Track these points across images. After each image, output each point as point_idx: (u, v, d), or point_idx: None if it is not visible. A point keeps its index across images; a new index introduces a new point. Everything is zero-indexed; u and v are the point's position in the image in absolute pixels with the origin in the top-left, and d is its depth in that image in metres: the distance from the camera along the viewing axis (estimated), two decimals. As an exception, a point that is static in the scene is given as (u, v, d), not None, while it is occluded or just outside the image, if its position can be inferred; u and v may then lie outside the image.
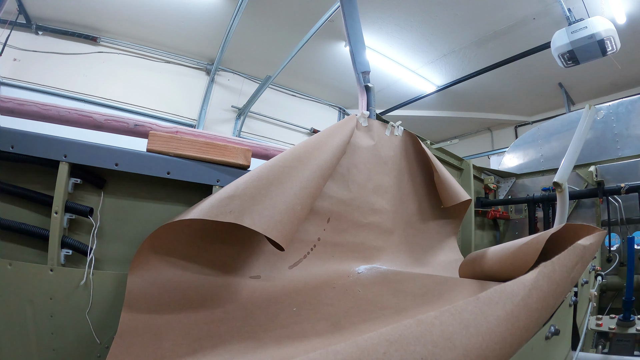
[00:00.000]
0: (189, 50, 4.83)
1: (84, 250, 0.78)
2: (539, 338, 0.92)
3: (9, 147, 0.76)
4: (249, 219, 0.61)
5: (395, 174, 1.05)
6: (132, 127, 1.15)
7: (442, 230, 1.18)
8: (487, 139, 6.22)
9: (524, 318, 0.38)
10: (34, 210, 0.80)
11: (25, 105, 1.05)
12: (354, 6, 1.13)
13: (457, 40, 4.09)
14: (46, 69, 4.11)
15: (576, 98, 4.99)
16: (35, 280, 0.75)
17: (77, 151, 0.78)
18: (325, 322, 0.60)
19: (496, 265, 0.64)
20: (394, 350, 0.32)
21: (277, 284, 0.77)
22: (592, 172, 1.87)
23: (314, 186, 0.75)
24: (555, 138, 2.25)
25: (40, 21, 4.09)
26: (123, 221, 0.84)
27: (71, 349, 0.75)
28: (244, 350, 0.53)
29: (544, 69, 4.29)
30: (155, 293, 0.68)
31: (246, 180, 0.67)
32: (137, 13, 4.07)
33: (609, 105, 2.05)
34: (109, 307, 0.77)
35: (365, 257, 0.92)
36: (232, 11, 3.73)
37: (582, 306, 1.32)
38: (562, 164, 1.09)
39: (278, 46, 4.34)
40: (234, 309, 0.69)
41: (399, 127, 1.08)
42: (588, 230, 0.50)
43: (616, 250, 1.78)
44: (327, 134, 0.90)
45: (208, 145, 0.87)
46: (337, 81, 5.18)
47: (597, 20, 2.79)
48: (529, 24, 3.75)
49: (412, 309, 0.61)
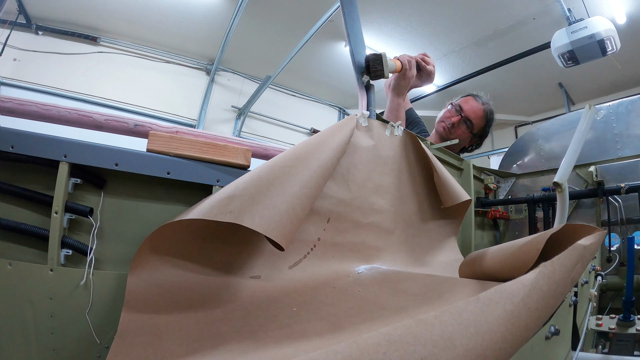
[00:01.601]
0: (189, 50, 4.83)
1: (84, 250, 0.78)
2: (539, 338, 0.92)
3: (9, 147, 0.76)
4: (249, 219, 0.61)
5: (395, 174, 1.05)
6: (132, 127, 1.15)
7: (442, 230, 1.18)
8: (487, 138, 6.21)
9: (524, 318, 0.39)
10: (34, 210, 0.80)
11: (25, 105, 1.05)
12: (354, 6, 1.13)
13: (457, 40, 4.10)
14: (46, 69, 4.11)
15: (576, 98, 4.99)
16: (35, 280, 0.75)
17: (77, 151, 0.78)
18: (325, 322, 0.60)
19: (496, 265, 0.64)
20: (394, 350, 0.32)
21: (277, 284, 0.77)
22: (592, 172, 1.86)
23: (314, 186, 0.75)
24: (555, 138, 2.24)
25: (40, 21, 4.09)
26: (123, 221, 0.84)
27: (71, 349, 0.75)
28: (244, 350, 0.53)
29: (544, 69, 4.29)
30: (155, 293, 0.68)
31: (246, 180, 0.67)
32: (137, 13, 4.07)
33: (609, 105, 2.05)
34: (109, 307, 0.77)
35: (365, 257, 0.92)
36: (232, 11, 3.73)
37: (582, 306, 1.32)
38: (562, 164, 1.08)
39: (278, 46, 4.34)
40: (234, 309, 0.69)
41: (399, 127, 1.08)
42: (588, 230, 0.50)
43: (616, 250, 1.77)
44: (327, 134, 0.90)
45: (208, 145, 0.87)
46: (337, 81, 5.18)
47: (597, 20, 2.79)
48: (529, 24, 3.75)
49: (412, 309, 0.61)
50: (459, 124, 1.57)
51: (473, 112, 1.57)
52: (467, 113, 1.56)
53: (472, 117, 1.56)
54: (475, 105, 1.59)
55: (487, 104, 1.60)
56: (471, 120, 1.56)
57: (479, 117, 1.58)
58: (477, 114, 1.58)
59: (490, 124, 1.62)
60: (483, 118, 1.59)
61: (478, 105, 1.59)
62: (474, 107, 1.58)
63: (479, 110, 1.58)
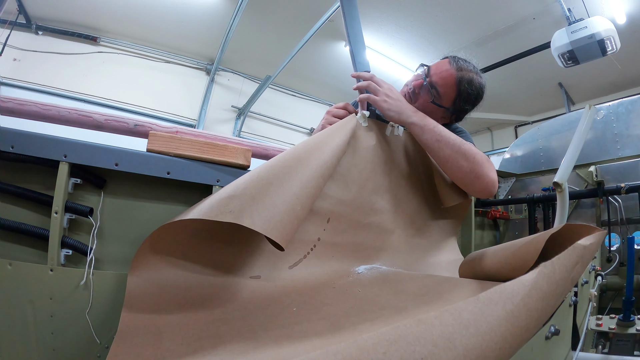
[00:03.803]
0: (189, 50, 4.83)
1: (84, 250, 0.78)
2: (539, 338, 0.92)
3: (9, 147, 0.76)
4: (249, 219, 0.61)
5: (395, 174, 1.05)
6: (132, 127, 1.15)
7: (442, 230, 1.18)
8: (487, 138, 6.22)
9: (524, 318, 0.39)
10: (34, 210, 0.80)
11: (25, 105, 1.06)
12: (354, 6, 1.13)
13: (457, 40, 4.09)
14: (46, 69, 4.11)
15: (576, 98, 4.99)
16: (35, 280, 0.75)
17: (77, 151, 0.78)
18: (325, 322, 0.60)
19: (496, 265, 0.64)
20: (394, 350, 0.32)
21: (277, 284, 0.77)
22: (592, 172, 1.86)
23: (314, 186, 0.75)
24: (555, 138, 2.25)
25: (40, 21, 4.09)
26: (123, 221, 0.84)
27: (71, 349, 0.76)
28: (244, 350, 0.53)
29: (544, 69, 4.29)
30: (155, 293, 0.68)
31: (246, 180, 0.68)
32: (137, 13, 4.07)
33: (609, 105, 2.05)
34: (109, 307, 0.77)
35: (365, 257, 0.92)
36: (232, 11, 3.73)
37: (582, 306, 1.32)
38: (562, 164, 1.08)
39: (278, 46, 4.34)
40: (234, 309, 0.69)
41: (399, 127, 1.08)
42: (588, 230, 0.50)
43: (616, 250, 1.78)
44: (327, 134, 0.90)
45: (208, 145, 0.87)
46: (337, 81, 5.18)
47: (597, 20, 2.79)
48: (529, 24, 3.75)
49: (412, 309, 0.61)
50: (422, 91, 1.16)
51: (441, 77, 1.14)
52: (433, 78, 1.15)
53: (438, 84, 1.14)
54: (444, 70, 1.15)
55: (467, 70, 1.16)
56: (437, 87, 1.14)
57: (448, 85, 1.14)
58: (445, 80, 1.14)
59: (467, 97, 1.15)
60: (453, 87, 1.14)
61: (449, 70, 1.14)
62: (442, 72, 1.15)
63: (449, 76, 1.14)
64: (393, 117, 1.02)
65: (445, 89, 1.15)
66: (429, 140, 1.02)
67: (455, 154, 1.02)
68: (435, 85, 1.14)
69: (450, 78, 1.14)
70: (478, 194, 1.09)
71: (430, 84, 1.15)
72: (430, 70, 1.17)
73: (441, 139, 1.02)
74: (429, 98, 1.15)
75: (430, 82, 1.15)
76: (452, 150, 1.02)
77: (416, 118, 1.03)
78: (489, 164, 1.06)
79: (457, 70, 1.15)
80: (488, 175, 1.04)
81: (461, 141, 1.04)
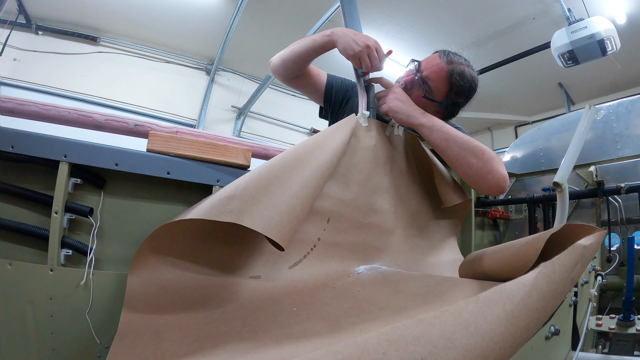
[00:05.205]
0: (189, 50, 4.83)
1: (84, 250, 0.78)
2: (539, 338, 0.92)
3: (9, 147, 0.76)
4: (249, 218, 0.61)
5: (395, 174, 1.05)
6: (132, 127, 1.15)
7: (442, 230, 1.18)
8: (487, 138, 6.21)
9: (524, 318, 0.39)
10: (34, 210, 0.80)
11: (25, 105, 1.06)
12: (354, 6, 1.13)
13: (457, 40, 4.09)
14: (46, 69, 4.10)
15: (576, 98, 4.98)
16: (35, 280, 0.75)
17: (77, 151, 0.78)
18: (325, 322, 0.60)
19: (496, 265, 0.64)
20: (394, 350, 0.32)
21: (277, 284, 0.77)
22: (592, 172, 1.87)
23: (314, 186, 0.75)
24: (555, 138, 2.25)
25: (40, 21, 4.09)
26: (123, 221, 0.84)
27: (71, 349, 0.76)
28: (244, 350, 0.53)
29: (544, 69, 4.29)
30: (155, 293, 0.68)
31: (246, 180, 0.68)
32: (137, 13, 4.07)
33: (609, 105, 2.05)
34: (109, 307, 0.77)
35: (365, 257, 0.92)
36: (232, 11, 3.73)
37: (582, 306, 1.32)
38: (562, 164, 1.09)
39: (278, 46, 4.33)
40: (234, 309, 0.69)
41: (399, 127, 1.08)
42: (588, 230, 0.50)
43: (616, 250, 1.78)
44: (327, 134, 0.90)
45: (208, 145, 0.88)
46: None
47: (597, 20, 2.79)
48: (529, 24, 3.75)
49: (412, 309, 0.61)
50: (414, 86, 1.16)
51: (432, 71, 1.14)
52: (424, 73, 1.15)
53: (430, 78, 1.13)
54: (435, 64, 1.15)
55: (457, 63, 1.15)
56: (428, 82, 1.13)
57: (440, 79, 1.13)
58: (437, 74, 1.13)
59: (459, 89, 1.14)
60: (445, 80, 1.13)
61: (439, 64, 1.14)
62: (433, 66, 1.15)
63: (440, 69, 1.13)
64: (402, 119, 1.03)
65: (436, 83, 1.14)
66: (438, 139, 1.03)
67: (464, 152, 1.02)
68: (426, 79, 1.14)
69: (441, 72, 1.14)
70: (490, 191, 1.08)
71: (421, 78, 1.15)
72: (421, 65, 1.17)
73: (449, 137, 1.02)
74: (421, 93, 1.14)
75: (422, 77, 1.15)
76: (461, 148, 1.02)
77: (424, 119, 1.04)
78: (498, 160, 1.06)
79: (447, 64, 1.14)
80: (498, 170, 1.03)
81: (469, 139, 1.04)
